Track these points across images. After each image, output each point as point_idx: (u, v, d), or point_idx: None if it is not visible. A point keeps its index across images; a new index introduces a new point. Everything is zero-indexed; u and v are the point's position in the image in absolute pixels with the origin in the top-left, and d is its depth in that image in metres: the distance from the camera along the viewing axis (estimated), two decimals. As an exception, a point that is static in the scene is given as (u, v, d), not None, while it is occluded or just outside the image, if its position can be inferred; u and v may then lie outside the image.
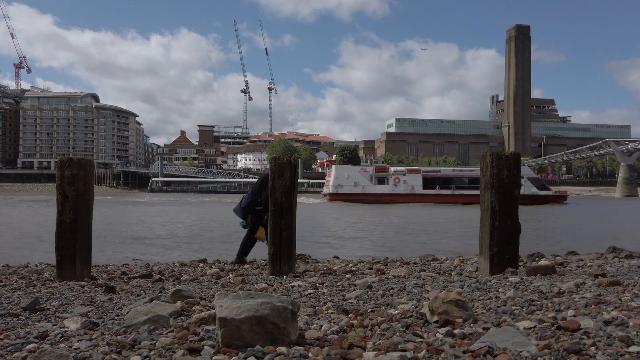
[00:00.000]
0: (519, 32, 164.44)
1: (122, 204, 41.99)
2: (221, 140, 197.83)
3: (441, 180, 53.72)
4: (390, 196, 51.15)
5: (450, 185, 52.60)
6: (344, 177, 53.04)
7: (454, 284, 4.65)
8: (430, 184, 53.14)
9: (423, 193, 52.02)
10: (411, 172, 54.67)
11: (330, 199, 51.93)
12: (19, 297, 4.42)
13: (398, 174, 53.56)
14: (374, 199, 50.34)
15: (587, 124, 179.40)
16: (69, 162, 5.80)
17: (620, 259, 7.57)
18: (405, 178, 53.22)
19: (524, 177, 53.21)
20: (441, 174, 55.14)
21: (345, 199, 50.43)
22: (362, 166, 57.30)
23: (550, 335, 2.53)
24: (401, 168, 56.95)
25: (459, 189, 52.43)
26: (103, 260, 8.98)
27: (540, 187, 53.83)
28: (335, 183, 52.72)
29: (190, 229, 18.83)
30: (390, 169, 55.72)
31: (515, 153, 5.67)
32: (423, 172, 55.49)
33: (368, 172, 54.14)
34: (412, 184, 52.72)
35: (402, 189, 52.54)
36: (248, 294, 2.66)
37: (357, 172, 54.13)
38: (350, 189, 52.22)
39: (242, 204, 7.87)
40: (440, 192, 52.27)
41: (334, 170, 54.98)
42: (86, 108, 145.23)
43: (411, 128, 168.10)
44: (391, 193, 51.97)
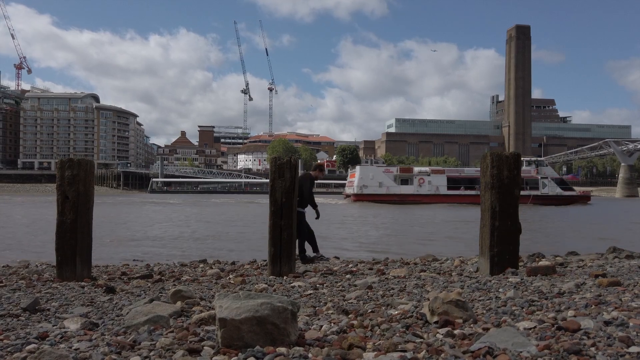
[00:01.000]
0: (519, 32, 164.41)
1: (125, 205, 42.01)
2: (221, 140, 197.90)
3: (465, 180, 53.88)
4: (415, 197, 51.32)
5: (474, 185, 52.74)
6: (369, 177, 53.29)
7: (454, 285, 4.64)
8: (455, 185, 53.33)
9: (447, 194, 52.24)
10: (436, 172, 54.93)
11: (355, 200, 52.12)
12: (19, 297, 4.42)
13: (422, 175, 53.76)
14: (399, 199, 50.46)
15: (588, 124, 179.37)
16: (69, 162, 5.80)
17: (620, 259, 7.56)
18: (429, 179, 53.45)
19: (547, 177, 53.45)
20: (465, 174, 55.28)
21: (370, 199, 50.65)
22: (386, 167, 57.74)
23: (550, 335, 2.53)
24: (425, 169, 57.11)
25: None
26: (103, 261, 8.98)
27: (564, 188, 53.95)
28: (360, 184, 52.94)
29: (191, 229, 18.84)
30: (415, 169, 56.00)
31: (515, 153, 5.66)
32: (447, 172, 55.66)
33: (392, 173, 54.43)
34: (436, 185, 52.94)
35: (427, 189, 52.74)
36: (248, 295, 2.66)
37: (382, 172, 54.35)
38: (375, 189, 52.44)
39: None
40: (464, 192, 52.44)
41: (358, 171, 55.14)
42: (86, 108, 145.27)
43: (411, 128, 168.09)
44: (416, 194, 52.16)
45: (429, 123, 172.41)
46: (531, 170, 53.83)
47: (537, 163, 56.51)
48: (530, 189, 51.47)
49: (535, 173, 53.33)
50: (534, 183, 52.53)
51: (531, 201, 49.17)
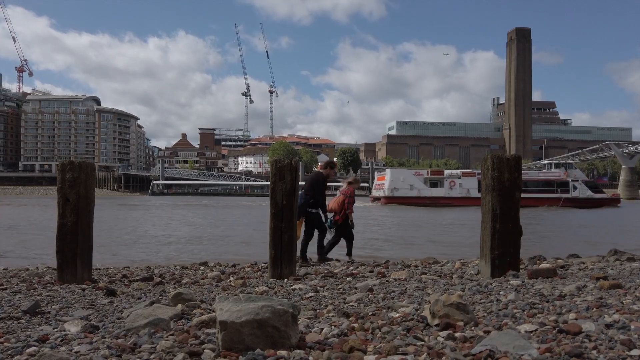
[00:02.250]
0: (519, 34, 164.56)
1: (126, 207, 42.02)
2: (222, 143, 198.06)
3: None
4: (446, 199, 51.42)
5: None
6: (400, 180, 53.50)
7: (455, 287, 4.64)
8: None
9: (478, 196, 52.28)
10: (466, 175, 55.06)
11: (386, 202, 52.26)
12: (20, 300, 4.42)
13: (453, 177, 53.91)
14: (430, 202, 50.52)
15: (588, 127, 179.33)
16: (70, 165, 5.81)
17: (621, 262, 7.55)
18: (460, 181, 53.54)
19: (578, 180, 53.51)
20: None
21: (401, 202, 50.75)
22: (416, 170, 57.94)
23: (551, 338, 2.52)
24: (456, 171, 57.29)
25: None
26: (104, 263, 8.98)
27: (595, 190, 54.01)
28: (391, 186, 53.09)
29: (192, 231, 18.83)
30: (445, 172, 56.23)
31: (516, 156, 5.66)
32: (478, 175, 55.82)
33: (422, 176, 54.67)
34: (467, 187, 53.06)
35: (458, 192, 52.73)
36: (248, 297, 2.66)
37: (412, 175, 54.55)
38: (406, 192, 52.48)
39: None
40: None
41: (389, 173, 55.34)
42: (87, 111, 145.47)
43: (412, 131, 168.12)
44: (447, 196, 52.24)
45: (429, 125, 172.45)
46: (561, 172, 54.02)
47: (566, 165, 56.63)
48: (561, 192, 51.67)
49: (565, 175, 53.48)
50: (564, 185, 52.67)
51: (562, 204, 49.38)
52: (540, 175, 56.03)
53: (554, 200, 50.65)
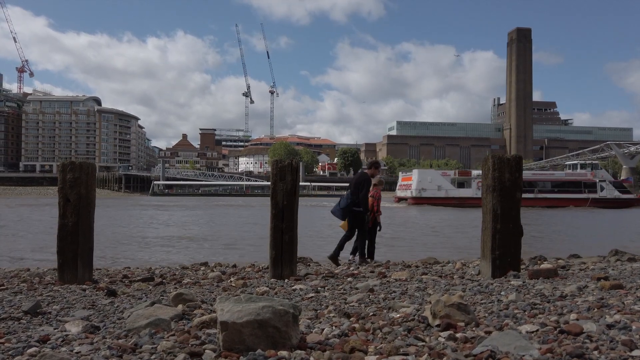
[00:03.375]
0: (520, 35, 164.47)
1: (126, 207, 42.04)
2: (222, 143, 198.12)
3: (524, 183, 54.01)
4: (474, 200, 51.54)
5: (533, 188, 52.92)
6: (427, 181, 53.57)
7: (456, 288, 4.63)
8: None
9: None
10: None
11: (413, 203, 52.32)
12: (21, 300, 4.42)
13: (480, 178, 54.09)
14: (458, 202, 50.57)
15: (589, 127, 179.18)
16: (70, 165, 5.81)
17: (622, 262, 7.54)
18: None
19: (606, 180, 53.71)
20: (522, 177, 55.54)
21: (428, 202, 50.78)
22: (443, 170, 57.95)
23: (552, 339, 2.52)
24: None
25: (542, 193, 52.91)
26: (105, 264, 8.98)
27: (622, 191, 54.11)
28: (419, 187, 53.14)
29: (192, 232, 18.84)
30: (473, 172, 56.38)
31: (516, 156, 5.67)
32: None
33: (449, 176, 54.72)
34: None
35: None
36: (249, 298, 2.66)
37: (440, 175, 54.67)
38: (434, 192, 52.60)
39: (341, 205, 7.93)
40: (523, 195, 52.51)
41: (416, 174, 55.43)
42: (88, 112, 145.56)
43: (412, 131, 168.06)
44: (475, 197, 52.37)
45: (430, 126, 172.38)
46: (587, 173, 54.06)
47: (592, 166, 56.67)
48: (588, 192, 51.76)
49: (592, 176, 53.50)
50: (592, 186, 52.77)
51: (589, 204, 49.41)
52: (567, 175, 56.14)
53: (582, 201, 50.84)
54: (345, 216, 7.91)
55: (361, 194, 7.90)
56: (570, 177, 55.19)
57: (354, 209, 7.92)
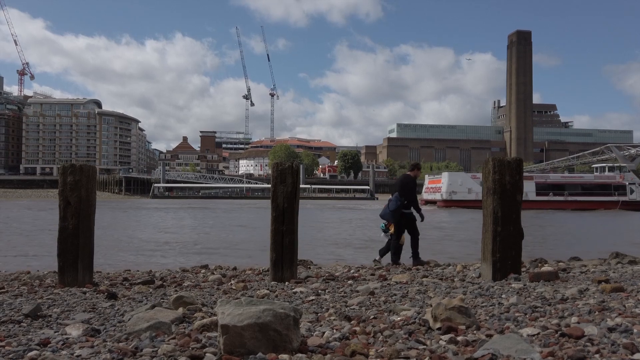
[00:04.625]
0: (520, 37, 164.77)
1: (127, 210, 42.04)
2: (223, 146, 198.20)
3: (554, 186, 54.16)
4: None
5: (563, 191, 52.89)
6: (458, 184, 53.55)
7: (457, 291, 4.63)
8: (543, 191, 53.57)
9: (536, 199, 52.47)
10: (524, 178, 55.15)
11: (443, 205, 52.28)
12: (21, 303, 4.41)
13: None
14: None
15: (589, 129, 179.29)
16: (71, 168, 5.81)
17: (623, 265, 7.54)
18: None
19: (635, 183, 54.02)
20: (551, 180, 55.66)
21: (459, 205, 50.70)
22: (473, 173, 58.01)
23: (554, 342, 2.52)
24: None
25: (572, 195, 52.93)
26: (105, 267, 8.98)
27: None
28: (449, 190, 53.08)
29: (192, 234, 18.83)
30: None
31: (517, 159, 5.67)
32: (536, 178, 55.86)
33: (479, 179, 54.89)
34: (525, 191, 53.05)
35: None
36: (250, 301, 2.65)
37: (470, 178, 54.64)
38: (464, 195, 52.47)
39: (391, 208, 7.98)
40: (553, 198, 52.68)
41: (446, 177, 55.47)
42: (89, 114, 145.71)
43: (413, 133, 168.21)
44: None
45: (430, 128, 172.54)
46: (616, 176, 54.09)
47: (620, 168, 56.73)
48: (618, 195, 51.83)
49: (621, 179, 53.51)
50: (622, 189, 52.83)
51: (620, 207, 49.39)
52: (596, 178, 56.17)
53: (612, 204, 50.90)
54: (395, 219, 7.99)
55: (410, 196, 8.06)
56: (599, 179, 55.23)
57: (403, 212, 8.03)
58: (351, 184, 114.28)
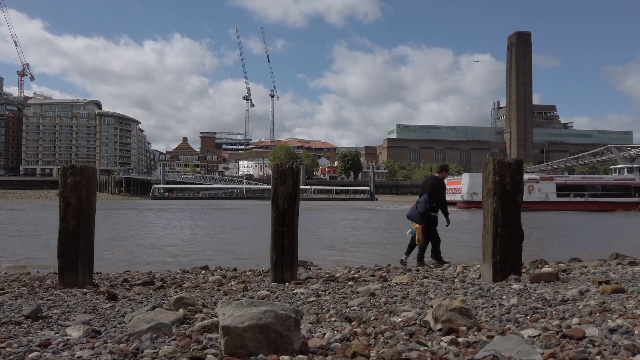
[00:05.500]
0: (520, 38, 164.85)
1: (127, 210, 42.02)
2: (223, 147, 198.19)
3: (574, 187, 54.28)
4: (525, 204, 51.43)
5: (583, 192, 53.07)
6: (479, 184, 53.59)
7: (457, 292, 4.63)
8: (564, 192, 53.69)
9: (557, 200, 52.61)
10: (545, 179, 55.32)
11: (465, 207, 52.28)
12: (21, 304, 4.41)
13: (532, 182, 53.99)
14: None
15: (589, 130, 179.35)
16: (71, 169, 5.81)
17: (623, 266, 7.53)
18: (539, 186, 53.65)
19: None
20: (571, 181, 55.75)
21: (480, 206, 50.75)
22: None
23: (555, 343, 2.51)
24: (535, 176, 57.44)
25: (593, 196, 53.10)
26: (105, 268, 8.97)
27: None
28: (470, 191, 53.09)
29: (192, 235, 18.82)
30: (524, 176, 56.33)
31: (517, 160, 5.67)
32: (557, 179, 55.95)
33: None
34: (546, 192, 53.30)
35: (537, 196, 52.88)
36: (251, 302, 2.65)
37: None
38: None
39: (419, 210, 8.00)
40: (574, 199, 52.79)
41: (467, 178, 55.51)
42: (89, 115, 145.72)
43: (413, 134, 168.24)
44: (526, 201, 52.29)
45: (430, 129, 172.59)
46: (636, 177, 54.53)
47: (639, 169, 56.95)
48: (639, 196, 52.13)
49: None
50: None
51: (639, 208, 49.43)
52: (615, 179, 56.31)
53: (631, 205, 51.06)
54: (423, 221, 8.01)
55: (439, 198, 8.07)
56: (619, 181, 55.35)
57: (430, 214, 8.07)
58: (351, 184, 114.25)
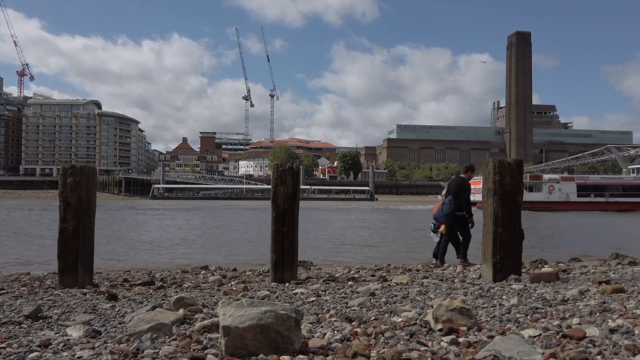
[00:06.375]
0: (519, 38, 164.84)
1: (127, 211, 42.01)
2: (223, 147, 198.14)
3: (595, 187, 54.33)
4: (546, 204, 51.55)
5: (604, 192, 53.20)
6: None
7: (457, 292, 4.63)
8: (584, 192, 53.67)
9: (578, 200, 52.57)
10: (565, 179, 55.34)
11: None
12: (21, 305, 4.41)
13: (552, 182, 54.02)
14: (530, 206, 50.49)
15: (589, 130, 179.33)
16: (71, 169, 5.81)
17: (623, 266, 7.54)
18: (559, 186, 53.64)
19: None
20: (591, 181, 55.76)
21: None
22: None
23: (555, 343, 2.51)
24: (555, 176, 57.33)
25: (613, 197, 53.16)
26: (105, 267, 8.97)
27: None
28: None
29: (192, 235, 18.82)
30: (544, 176, 56.42)
31: (517, 160, 5.66)
32: (577, 180, 55.93)
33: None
34: (566, 192, 53.36)
35: (557, 196, 52.88)
36: (251, 302, 2.65)
37: None
38: None
39: (445, 211, 8.04)
40: (594, 199, 52.80)
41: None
42: (88, 115, 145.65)
43: (412, 134, 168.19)
44: (546, 201, 52.38)
45: (429, 129, 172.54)
46: None
47: None
48: None
49: None
50: None
51: None
52: (635, 179, 56.42)
53: None
54: (449, 221, 8.03)
55: (464, 199, 8.10)
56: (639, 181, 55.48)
57: (457, 214, 8.09)
58: (351, 185, 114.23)
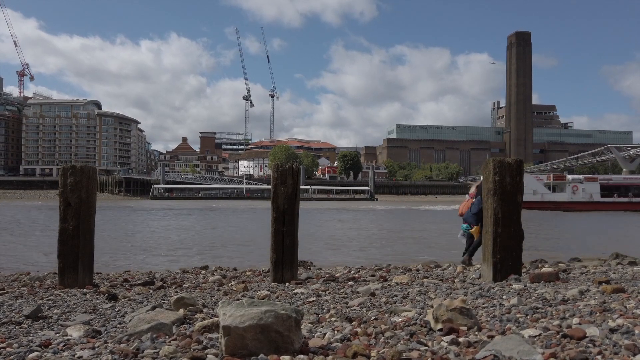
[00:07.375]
0: (519, 38, 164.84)
1: (127, 211, 42.00)
2: (223, 147, 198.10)
3: (618, 188, 54.47)
4: (569, 204, 51.64)
5: (627, 193, 53.37)
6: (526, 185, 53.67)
7: (458, 292, 4.62)
8: (608, 192, 53.81)
9: (601, 201, 52.71)
10: (589, 180, 55.43)
11: None
12: (22, 305, 4.41)
13: (576, 182, 54.02)
14: (553, 207, 50.48)
15: (589, 130, 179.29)
16: (71, 169, 5.81)
17: (623, 266, 7.54)
18: (583, 186, 53.77)
19: None
20: (614, 181, 55.90)
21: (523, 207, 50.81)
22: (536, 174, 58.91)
23: (555, 343, 2.51)
24: (579, 176, 57.42)
25: (636, 197, 53.27)
26: (105, 267, 8.97)
27: None
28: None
29: (192, 235, 18.82)
30: (568, 177, 56.41)
31: (517, 160, 5.67)
32: (600, 180, 56.05)
33: (542, 180, 54.91)
34: (590, 192, 53.50)
35: (581, 196, 53.03)
36: (251, 302, 2.65)
37: (534, 180, 54.59)
38: (529, 197, 51.68)
39: (474, 211, 8.13)
40: (618, 199, 53.01)
41: None
42: (88, 115, 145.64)
43: (412, 134, 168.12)
44: (570, 201, 52.43)
45: (429, 129, 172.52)
46: None
47: None
48: None
49: None
50: None
51: None
52: None
53: None
54: (478, 221, 8.10)
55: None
56: None
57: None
58: (351, 185, 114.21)
